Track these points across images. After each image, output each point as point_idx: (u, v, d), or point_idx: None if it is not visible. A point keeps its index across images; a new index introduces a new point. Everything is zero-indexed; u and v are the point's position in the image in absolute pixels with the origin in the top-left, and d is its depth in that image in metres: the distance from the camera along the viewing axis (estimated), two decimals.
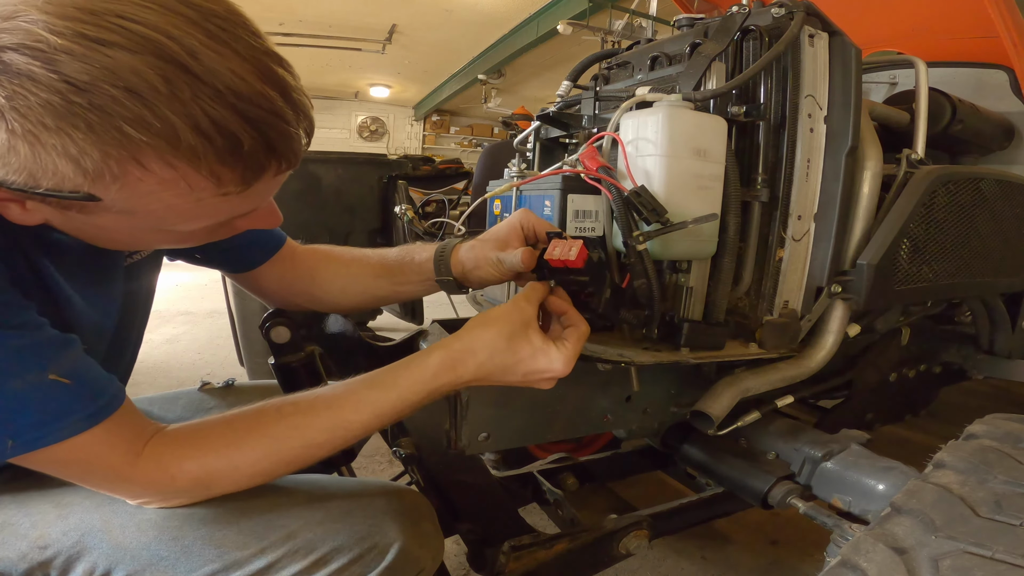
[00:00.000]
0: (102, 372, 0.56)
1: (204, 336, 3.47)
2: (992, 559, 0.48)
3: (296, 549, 0.58)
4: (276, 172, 0.51)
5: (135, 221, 0.50)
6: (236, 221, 0.58)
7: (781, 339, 0.85)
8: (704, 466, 1.04)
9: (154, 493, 0.58)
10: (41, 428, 0.50)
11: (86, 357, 0.55)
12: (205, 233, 0.57)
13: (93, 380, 0.54)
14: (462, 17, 6.77)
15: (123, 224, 0.51)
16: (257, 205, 0.57)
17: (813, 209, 0.85)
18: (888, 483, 0.80)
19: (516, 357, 0.64)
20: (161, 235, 0.54)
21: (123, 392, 0.57)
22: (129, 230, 0.53)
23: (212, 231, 0.58)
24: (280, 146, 0.50)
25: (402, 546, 0.62)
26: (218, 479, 0.58)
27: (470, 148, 12.15)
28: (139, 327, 0.80)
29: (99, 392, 0.54)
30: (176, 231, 0.53)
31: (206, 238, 0.59)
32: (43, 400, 0.50)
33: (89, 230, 0.53)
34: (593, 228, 0.81)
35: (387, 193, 2.29)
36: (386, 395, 0.63)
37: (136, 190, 0.46)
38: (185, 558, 0.57)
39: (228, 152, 0.46)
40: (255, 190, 0.51)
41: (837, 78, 0.83)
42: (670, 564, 1.47)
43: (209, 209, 0.51)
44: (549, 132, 1.09)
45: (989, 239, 1.05)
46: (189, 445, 0.58)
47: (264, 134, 0.47)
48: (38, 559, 0.57)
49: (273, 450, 0.59)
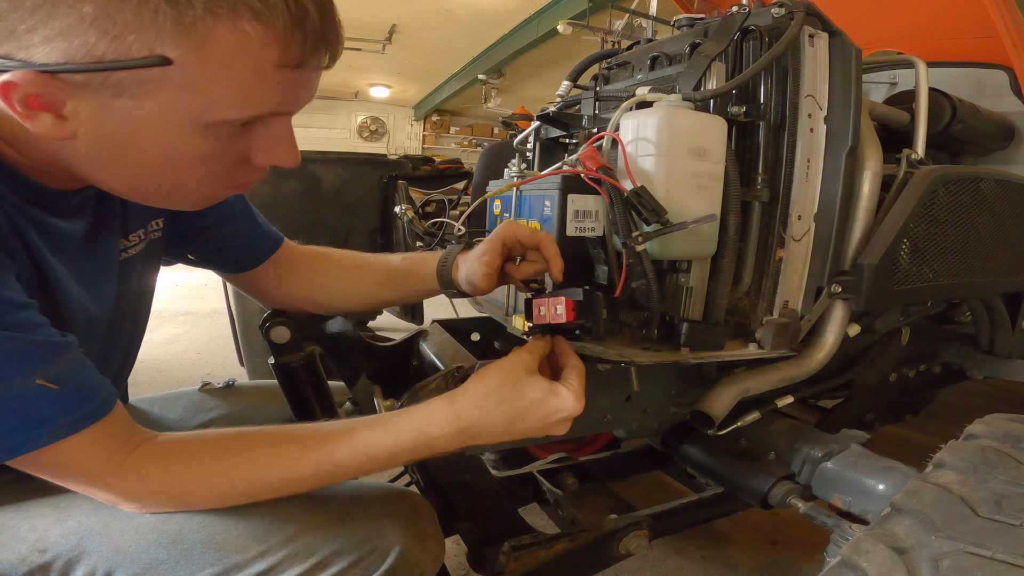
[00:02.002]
0: (95, 377, 0.55)
1: (204, 336, 3.47)
2: (992, 559, 0.48)
3: (296, 552, 0.58)
4: (319, 64, 0.54)
5: (182, 108, 0.49)
6: (256, 156, 0.58)
7: (781, 339, 0.85)
8: (704, 466, 1.04)
9: (131, 502, 0.57)
10: (19, 435, 0.49)
11: (81, 360, 0.54)
12: (229, 163, 0.57)
13: (82, 385, 0.53)
14: (462, 17, 6.77)
15: (166, 116, 0.50)
16: (292, 107, 0.56)
17: (813, 209, 0.85)
18: (888, 483, 0.80)
19: (526, 402, 0.62)
20: (194, 143, 0.53)
21: (114, 397, 0.56)
22: (164, 132, 0.51)
23: (235, 165, 0.58)
24: (330, 36, 0.53)
25: (402, 549, 0.62)
26: (198, 498, 0.58)
27: (470, 148, 12.16)
28: (135, 325, 0.79)
29: (87, 398, 0.53)
30: (210, 132, 0.52)
31: (225, 178, 0.58)
32: (26, 406, 0.49)
33: (116, 144, 0.51)
34: (593, 228, 0.81)
35: (387, 193, 2.29)
36: (382, 438, 0.61)
37: (211, 54, 0.47)
38: (185, 561, 0.57)
39: (297, 21, 0.49)
40: (302, 77, 0.54)
41: (837, 78, 0.83)
42: (670, 564, 1.47)
43: (263, 89, 0.51)
44: (549, 132, 1.09)
45: (989, 239, 1.05)
46: (174, 461, 0.57)
47: (322, 16, 0.51)
48: (37, 562, 0.57)
49: (257, 477, 0.59)
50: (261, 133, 0.57)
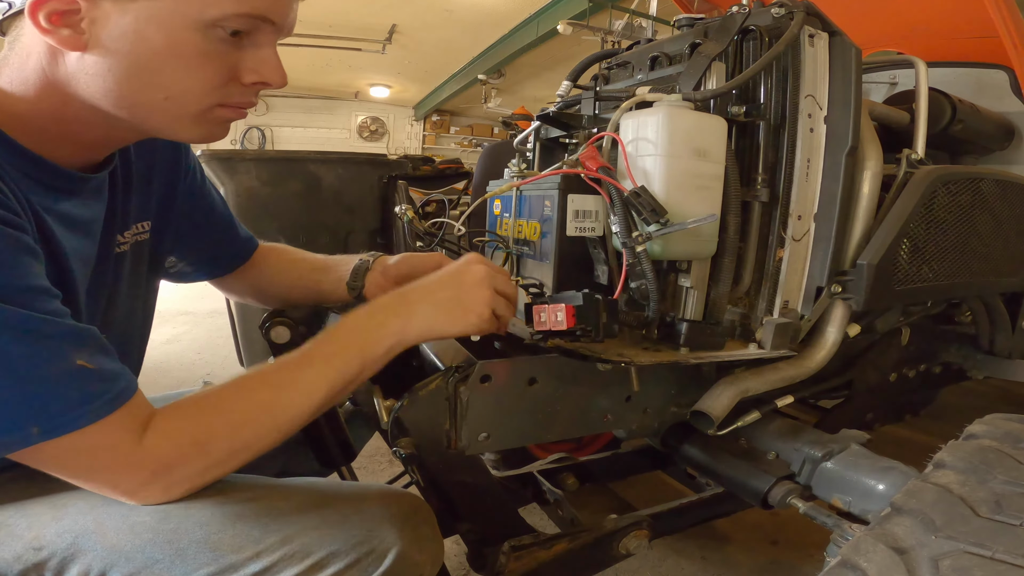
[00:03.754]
0: (117, 360, 0.57)
1: (204, 336, 3.47)
2: (992, 559, 0.48)
3: (292, 553, 0.58)
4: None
5: (190, 2, 0.55)
6: (246, 74, 0.62)
7: (781, 339, 0.85)
8: (704, 466, 1.04)
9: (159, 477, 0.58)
10: (67, 413, 0.51)
11: (106, 344, 0.57)
12: (223, 72, 0.61)
13: (112, 367, 0.56)
14: (462, 17, 6.77)
15: (175, 10, 0.55)
16: (278, 15, 0.62)
17: (813, 209, 0.85)
18: (888, 483, 0.80)
19: (452, 269, 0.71)
20: (196, 39, 0.57)
21: (135, 380, 0.59)
22: (171, 27, 0.56)
23: (227, 78, 0.62)
24: None
25: (400, 551, 0.62)
26: (218, 439, 0.60)
27: (470, 148, 12.15)
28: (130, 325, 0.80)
29: (119, 377, 0.56)
30: (208, 34, 0.58)
31: (220, 90, 0.62)
32: (70, 386, 0.52)
33: (125, 46, 0.56)
34: (593, 228, 0.81)
35: (387, 193, 2.29)
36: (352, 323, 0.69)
37: None
38: (180, 561, 0.56)
39: None
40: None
41: (837, 78, 0.83)
42: (670, 564, 1.47)
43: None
44: (549, 132, 1.09)
45: (989, 239, 1.05)
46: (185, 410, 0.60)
47: None
48: (33, 560, 0.57)
49: (270, 400, 0.63)
50: (250, 53, 0.62)
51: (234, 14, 0.58)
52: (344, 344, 0.67)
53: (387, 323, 0.68)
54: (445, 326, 0.70)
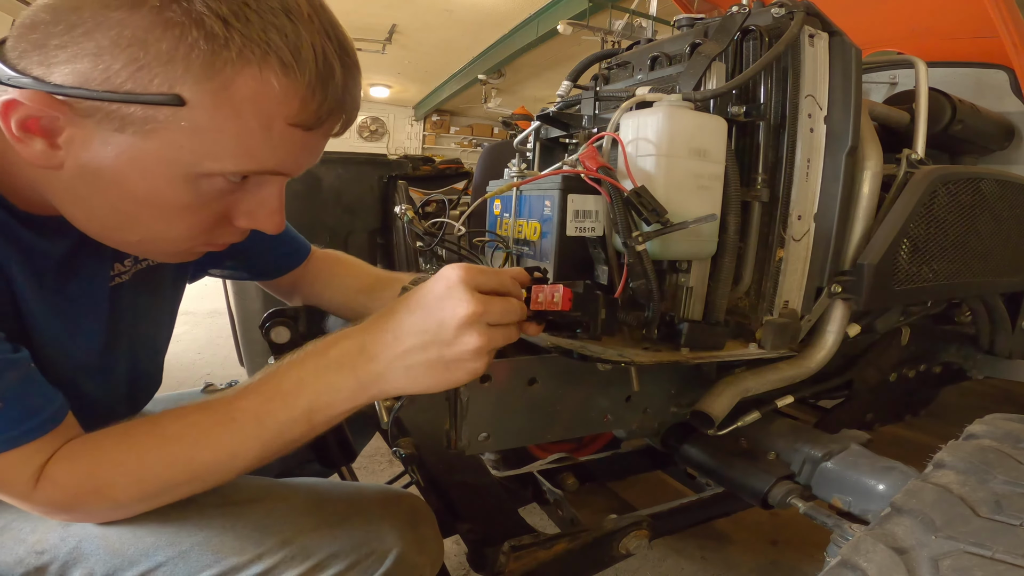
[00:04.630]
0: (44, 393, 0.53)
1: (204, 336, 3.47)
2: (992, 559, 0.48)
3: (293, 555, 0.58)
4: (331, 129, 0.54)
5: (181, 152, 0.48)
6: (238, 218, 0.57)
7: (781, 339, 0.85)
8: (704, 466, 1.04)
9: (58, 512, 0.55)
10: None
11: (29, 376, 0.52)
12: (211, 219, 0.55)
13: (27, 402, 0.51)
14: (462, 17, 6.77)
15: (162, 158, 0.48)
16: (292, 169, 0.55)
17: (813, 209, 0.85)
18: (888, 483, 0.80)
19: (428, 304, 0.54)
20: (180, 192, 0.51)
21: (62, 413, 0.54)
22: (155, 175, 0.49)
23: (216, 223, 0.56)
24: (349, 103, 0.53)
25: (400, 552, 0.62)
26: (119, 489, 0.54)
27: (470, 148, 12.16)
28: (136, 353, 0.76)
29: (32, 414, 0.51)
30: (201, 184, 0.51)
31: (203, 235, 0.57)
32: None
33: (101, 180, 0.50)
34: (593, 228, 0.81)
35: (387, 193, 2.28)
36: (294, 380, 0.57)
37: (226, 100, 0.47)
38: (183, 563, 0.56)
39: (321, 81, 0.49)
40: (310, 140, 0.53)
41: (837, 78, 0.83)
42: (670, 564, 1.47)
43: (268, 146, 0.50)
44: (549, 132, 1.09)
45: (989, 239, 1.05)
46: (84, 458, 0.54)
47: (346, 81, 0.52)
48: (34, 564, 0.57)
49: (173, 454, 0.55)
50: (250, 193, 0.56)
51: (234, 171, 0.51)
52: (286, 404, 0.55)
53: (342, 385, 0.56)
54: (421, 389, 0.56)
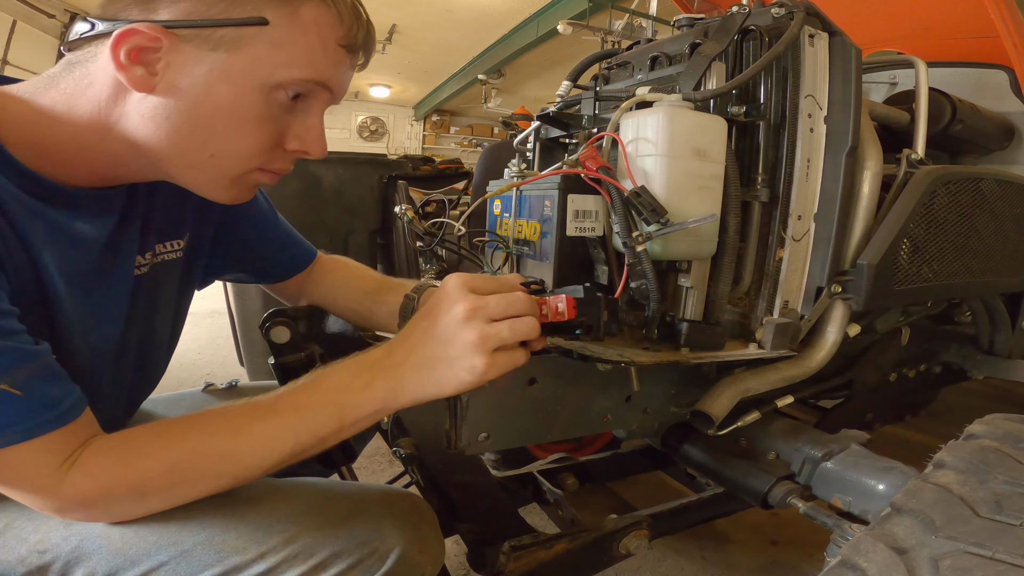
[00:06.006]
0: (64, 386, 0.54)
1: (204, 336, 3.47)
2: (992, 559, 0.48)
3: (295, 554, 0.58)
4: (355, 62, 0.66)
5: (263, 63, 0.58)
6: (290, 141, 0.64)
7: (781, 339, 0.85)
8: (704, 466, 1.04)
9: (82, 508, 0.55)
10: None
11: (51, 368, 0.53)
12: (272, 136, 0.63)
13: (47, 393, 0.52)
14: (462, 17, 6.77)
15: (247, 69, 0.57)
16: (337, 85, 0.65)
17: (813, 209, 0.85)
18: (888, 483, 0.80)
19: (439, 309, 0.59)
20: (257, 102, 0.59)
21: (79, 408, 0.55)
22: (239, 85, 0.58)
23: (274, 143, 0.63)
24: (369, 41, 0.67)
25: (402, 551, 0.62)
26: (152, 482, 0.55)
27: (470, 148, 12.16)
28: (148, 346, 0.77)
29: (50, 406, 0.52)
30: (271, 96, 0.59)
31: (261, 155, 0.63)
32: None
33: (190, 95, 0.57)
34: (593, 228, 0.81)
35: (387, 193, 2.29)
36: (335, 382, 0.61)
37: (298, 20, 0.58)
38: (185, 562, 0.57)
39: (355, 15, 0.63)
40: (348, 62, 0.65)
41: (837, 78, 0.83)
42: (670, 564, 1.47)
43: (325, 60, 0.61)
44: (549, 132, 1.09)
45: (989, 239, 1.05)
46: (119, 449, 0.55)
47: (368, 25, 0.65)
48: (36, 563, 0.57)
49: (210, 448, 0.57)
50: (299, 119, 0.64)
51: (301, 79, 0.60)
52: (323, 400, 0.60)
53: (374, 385, 0.59)
54: (433, 390, 0.59)
